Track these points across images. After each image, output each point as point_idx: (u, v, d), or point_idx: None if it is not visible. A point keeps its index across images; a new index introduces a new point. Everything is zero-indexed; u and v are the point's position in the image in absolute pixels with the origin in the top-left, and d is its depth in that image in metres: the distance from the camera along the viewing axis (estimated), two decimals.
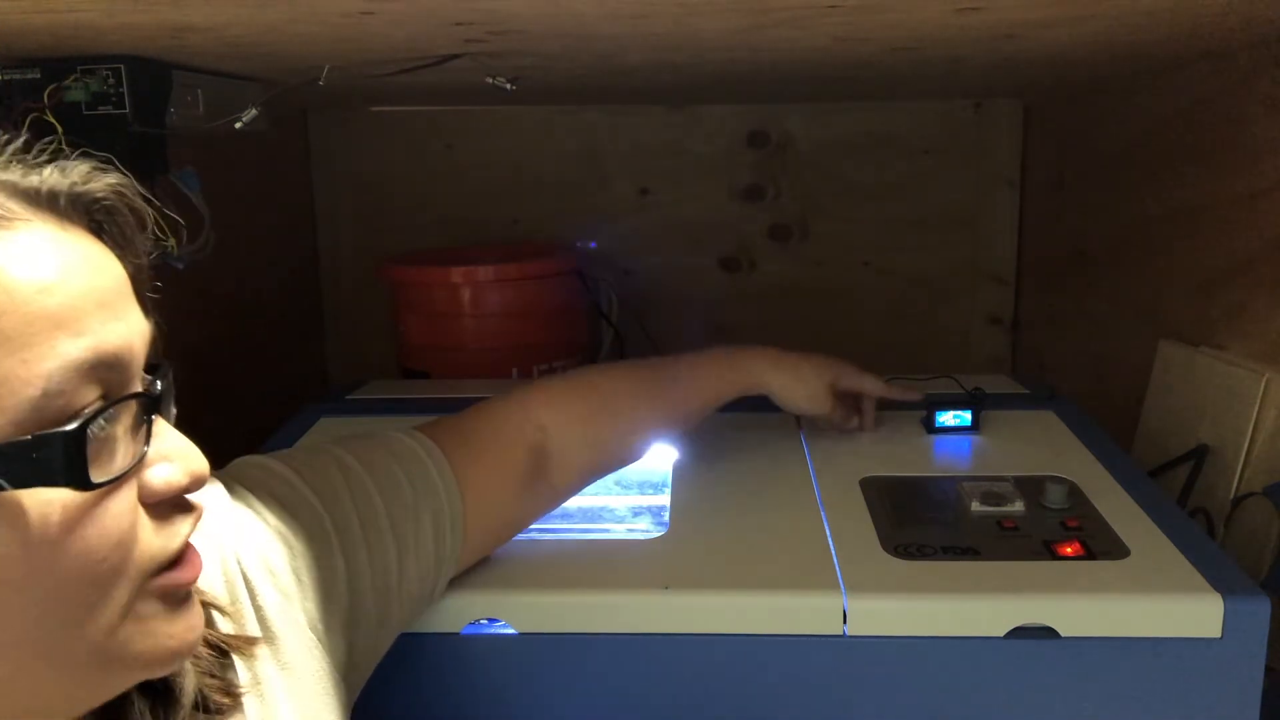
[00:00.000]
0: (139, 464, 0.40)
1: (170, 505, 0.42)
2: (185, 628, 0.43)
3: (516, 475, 0.72)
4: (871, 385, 0.93)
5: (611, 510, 0.90)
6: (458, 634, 0.70)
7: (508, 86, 1.02)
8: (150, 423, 0.41)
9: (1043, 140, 1.55)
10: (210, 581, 0.52)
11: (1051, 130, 1.52)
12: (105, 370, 0.39)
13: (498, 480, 0.71)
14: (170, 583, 0.42)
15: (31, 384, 0.36)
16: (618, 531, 0.87)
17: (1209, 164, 1.02)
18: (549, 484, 0.75)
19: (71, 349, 0.37)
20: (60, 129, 0.84)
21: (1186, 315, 1.07)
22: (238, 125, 0.95)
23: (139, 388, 0.41)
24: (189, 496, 0.43)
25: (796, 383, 0.88)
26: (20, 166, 0.41)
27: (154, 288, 0.45)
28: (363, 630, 0.60)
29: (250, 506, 0.57)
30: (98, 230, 0.43)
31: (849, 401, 0.94)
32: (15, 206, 0.39)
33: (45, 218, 0.40)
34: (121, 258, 0.43)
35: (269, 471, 0.61)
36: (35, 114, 0.85)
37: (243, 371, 1.38)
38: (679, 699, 0.70)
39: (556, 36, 0.81)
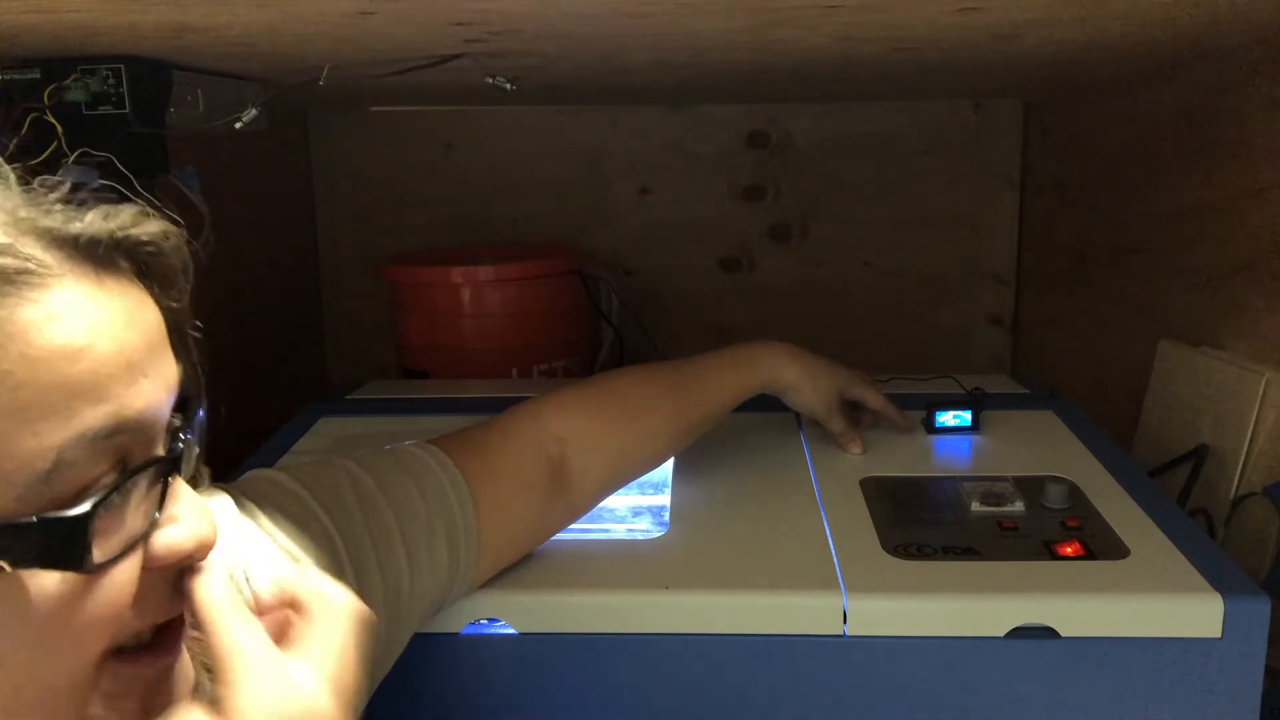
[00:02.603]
0: (147, 533, 0.39)
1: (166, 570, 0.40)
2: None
3: (534, 488, 0.71)
4: (874, 399, 0.93)
5: (611, 510, 0.90)
6: (458, 634, 0.70)
7: (508, 86, 1.02)
8: (167, 485, 0.39)
9: (1043, 140, 1.55)
10: None
11: (1051, 130, 1.52)
12: (124, 436, 0.37)
13: (514, 494, 0.70)
14: (140, 670, 0.40)
15: (43, 457, 0.34)
16: (618, 531, 0.87)
17: (1209, 164, 1.02)
18: (569, 496, 0.74)
19: (90, 418, 0.36)
20: (60, 129, 0.84)
21: (1186, 315, 1.07)
22: (238, 125, 0.95)
23: (160, 445, 0.40)
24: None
25: (811, 380, 0.88)
26: (62, 212, 0.39)
27: (194, 326, 0.44)
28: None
29: (259, 523, 0.56)
30: (139, 273, 0.41)
31: (847, 410, 0.94)
32: (50, 259, 0.37)
33: (82, 269, 0.38)
34: (161, 299, 0.42)
35: (279, 487, 0.59)
36: (35, 114, 0.85)
37: (243, 371, 1.38)
38: (679, 699, 0.70)
39: (556, 36, 0.81)
